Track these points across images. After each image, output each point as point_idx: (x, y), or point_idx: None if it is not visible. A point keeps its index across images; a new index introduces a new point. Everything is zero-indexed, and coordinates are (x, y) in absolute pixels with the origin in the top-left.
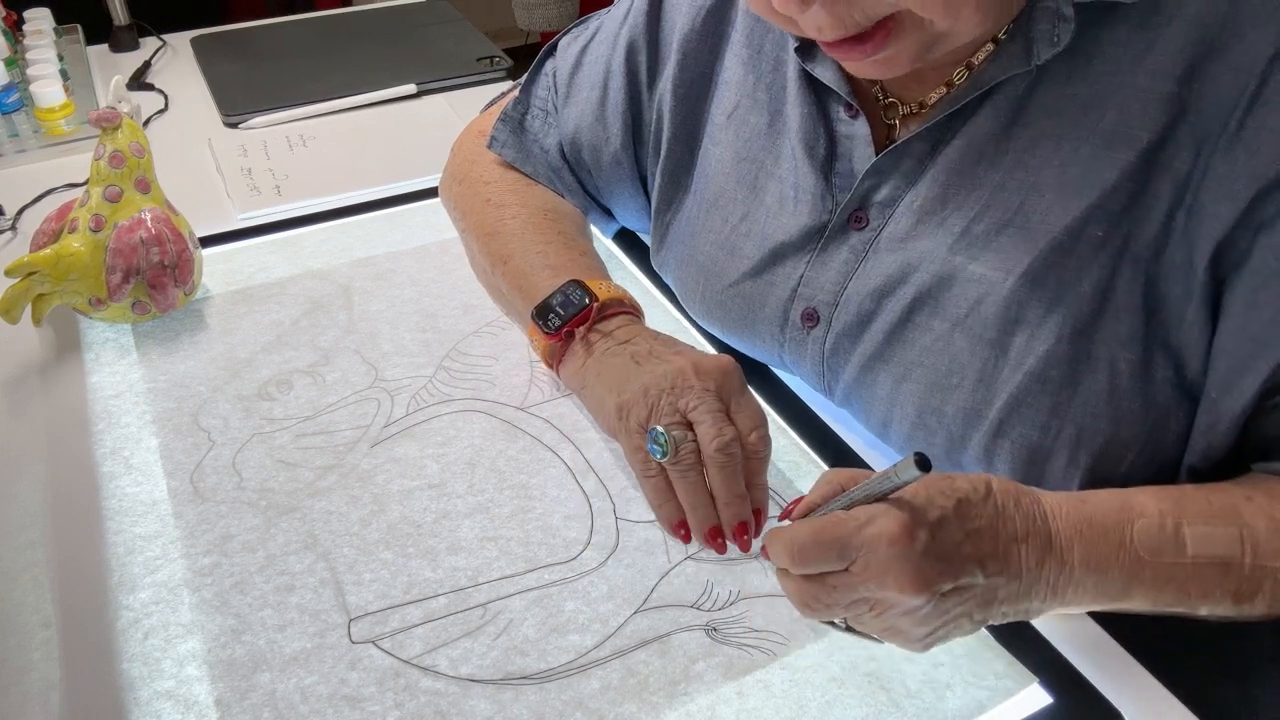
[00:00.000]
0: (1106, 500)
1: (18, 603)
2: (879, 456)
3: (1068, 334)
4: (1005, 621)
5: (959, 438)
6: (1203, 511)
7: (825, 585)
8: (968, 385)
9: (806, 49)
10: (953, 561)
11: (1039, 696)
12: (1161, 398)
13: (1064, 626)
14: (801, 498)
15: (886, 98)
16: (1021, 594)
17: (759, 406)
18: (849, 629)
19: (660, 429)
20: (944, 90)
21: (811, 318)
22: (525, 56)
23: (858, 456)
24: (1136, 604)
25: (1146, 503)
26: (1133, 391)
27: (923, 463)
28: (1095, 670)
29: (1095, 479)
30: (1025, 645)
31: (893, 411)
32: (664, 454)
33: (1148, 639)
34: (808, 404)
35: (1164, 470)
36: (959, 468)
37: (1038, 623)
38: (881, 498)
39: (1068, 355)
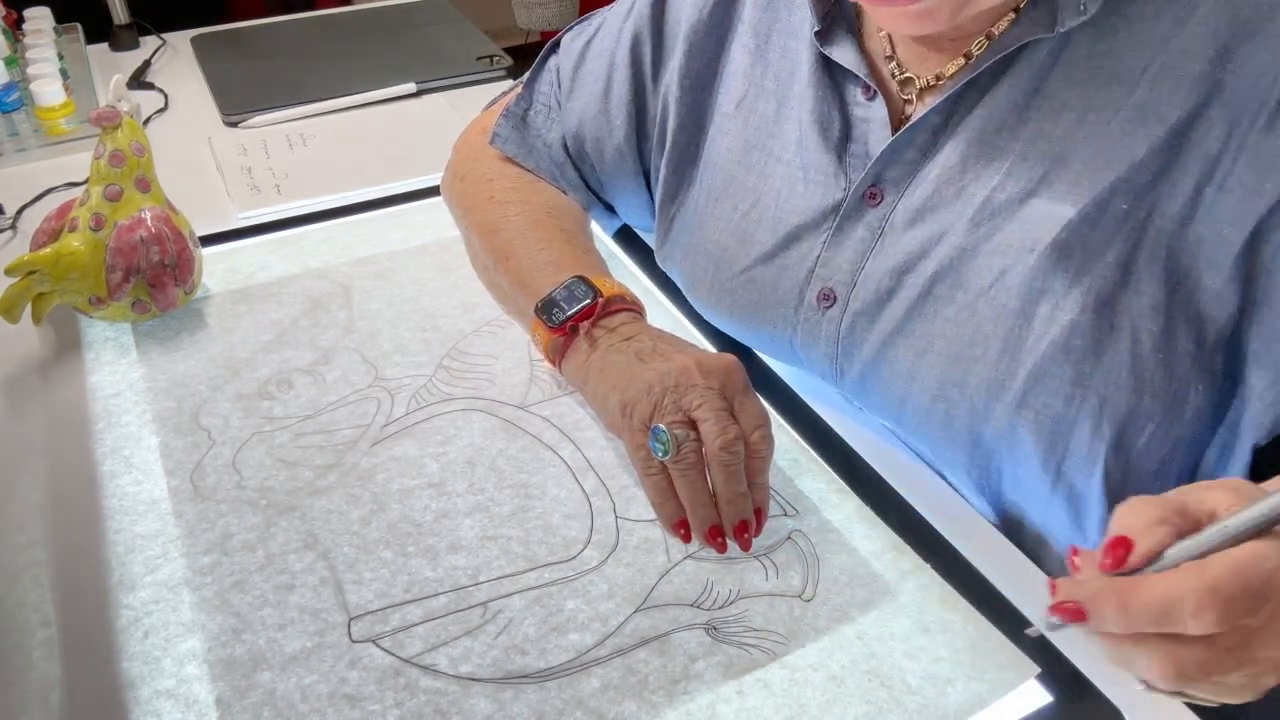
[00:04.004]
0: None
1: (18, 602)
2: (879, 455)
3: (1092, 303)
4: None
5: (981, 409)
6: None
7: (1215, 651)
8: (991, 355)
9: (826, 34)
10: None
11: (1039, 694)
12: (1181, 370)
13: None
14: (1121, 539)
15: (902, 73)
16: None
17: (762, 405)
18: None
19: (662, 427)
20: (962, 62)
21: (828, 298)
22: (525, 55)
23: (858, 455)
24: None
25: None
26: (1154, 362)
27: None
28: (1095, 668)
29: (1119, 450)
30: (1026, 642)
31: (911, 387)
32: (665, 453)
33: None
34: (808, 403)
35: (1179, 445)
36: (979, 441)
37: (1037, 620)
38: (1259, 532)
39: (1092, 325)
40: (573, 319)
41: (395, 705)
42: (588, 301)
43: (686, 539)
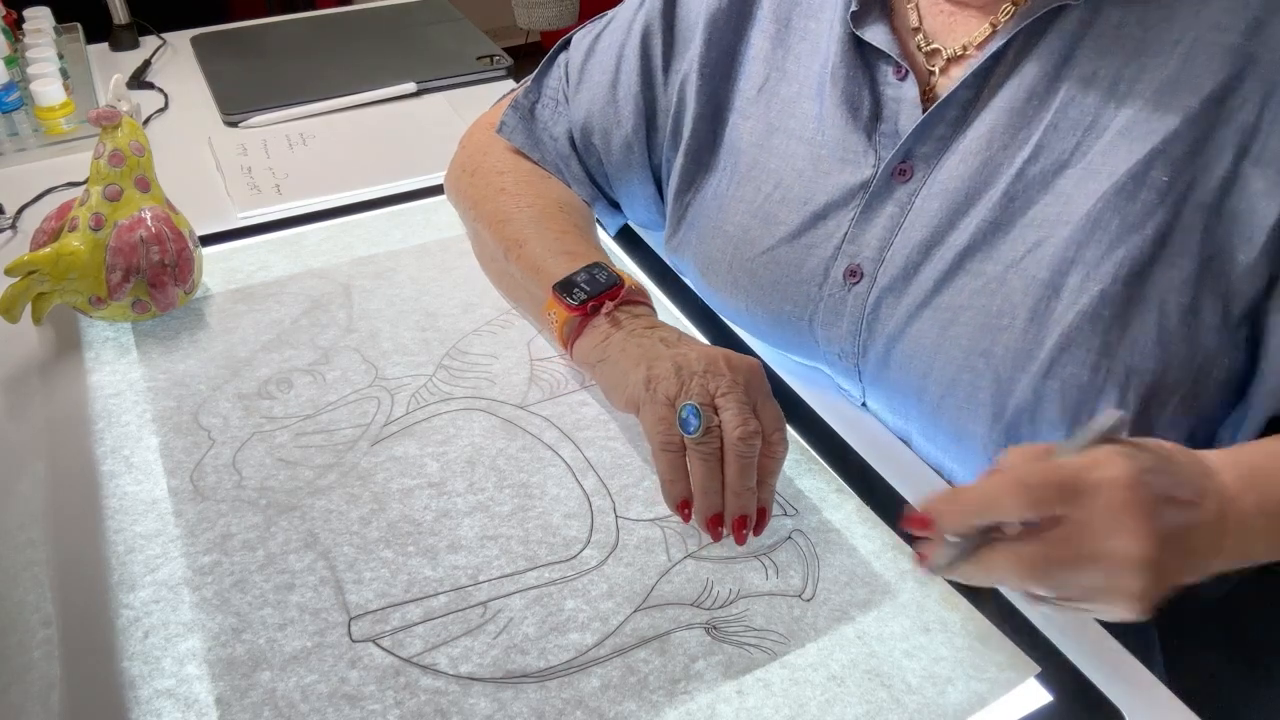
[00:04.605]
0: (1260, 448)
1: (18, 601)
2: (879, 454)
3: (1124, 275)
4: (1191, 580)
5: (1006, 380)
6: None
7: (1045, 543)
8: (1019, 325)
9: (860, 15)
10: (1169, 509)
11: (1039, 694)
12: (1207, 343)
13: (1065, 624)
14: (921, 518)
15: (929, 44)
16: (1212, 546)
17: (780, 411)
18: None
19: (695, 405)
20: (989, 30)
21: (855, 274)
22: (525, 55)
23: (858, 455)
24: None
25: None
26: (1180, 335)
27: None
28: (1095, 668)
29: (1143, 422)
30: (1026, 642)
31: (935, 359)
32: (698, 429)
33: (1148, 637)
34: (810, 404)
35: (1203, 419)
36: (1002, 414)
37: (1038, 620)
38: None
39: (1121, 295)
40: (596, 299)
41: (395, 705)
42: (611, 284)
43: (687, 520)
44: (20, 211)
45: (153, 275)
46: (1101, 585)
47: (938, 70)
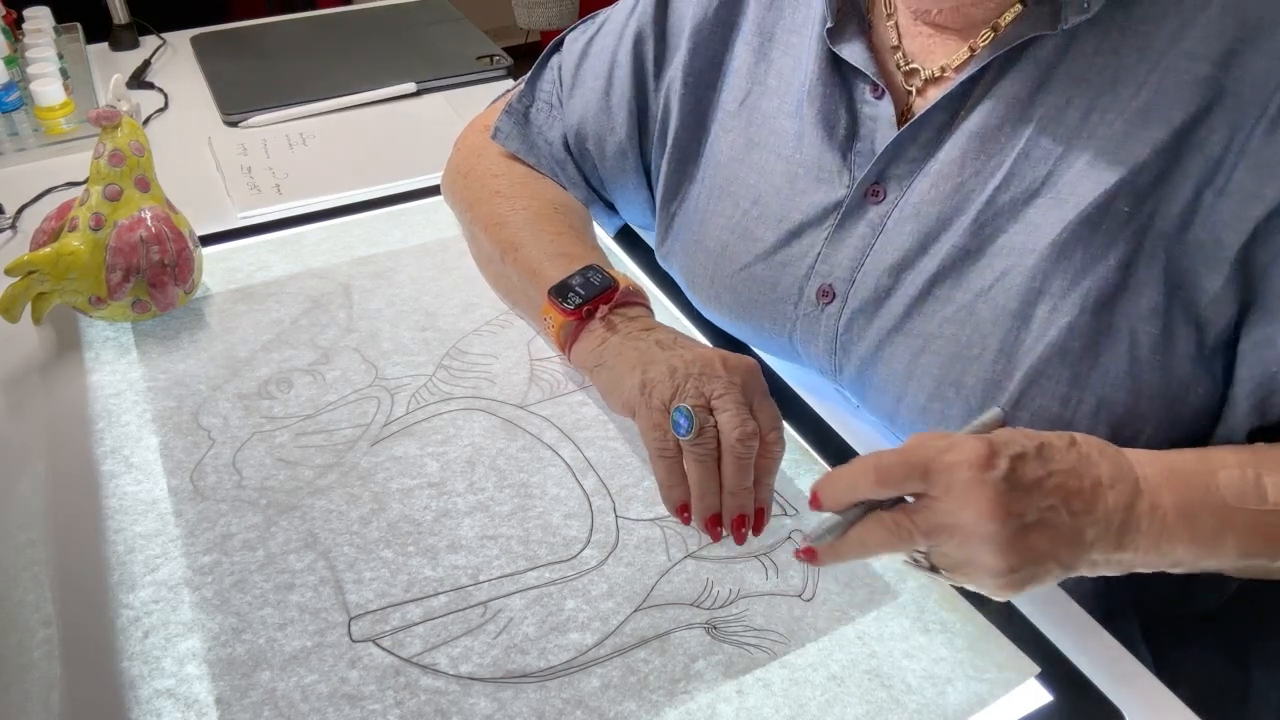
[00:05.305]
0: (1188, 453)
1: (18, 601)
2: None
3: (1090, 305)
4: (1107, 573)
5: (977, 410)
6: (1279, 463)
7: (908, 513)
8: (989, 356)
9: (837, 32)
10: (1032, 492)
11: (1039, 694)
12: (1181, 371)
13: (1064, 623)
14: (814, 497)
15: (908, 63)
16: (1115, 540)
17: (777, 410)
18: (932, 568)
19: (687, 407)
20: (967, 54)
21: (827, 294)
22: (525, 55)
23: (858, 455)
24: (1228, 555)
25: (1225, 455)
26: (1153, 364)
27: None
28: (1095, 668)
29: None
30: (1026, 642)
31: (907, 386)
32: (689, 431)
33: (1148, 637)
34: (809, 403)
35: (1179, 445)
36: None
37: (1038, 620)
38: None
39: (1090, 327)
40: (591, 303)
41: (395, 705)
42: (606, 287)
43: (686, 522)
44: (20, 211)
45: (153, 275)
46: (962, 557)
47: (915, 91)
